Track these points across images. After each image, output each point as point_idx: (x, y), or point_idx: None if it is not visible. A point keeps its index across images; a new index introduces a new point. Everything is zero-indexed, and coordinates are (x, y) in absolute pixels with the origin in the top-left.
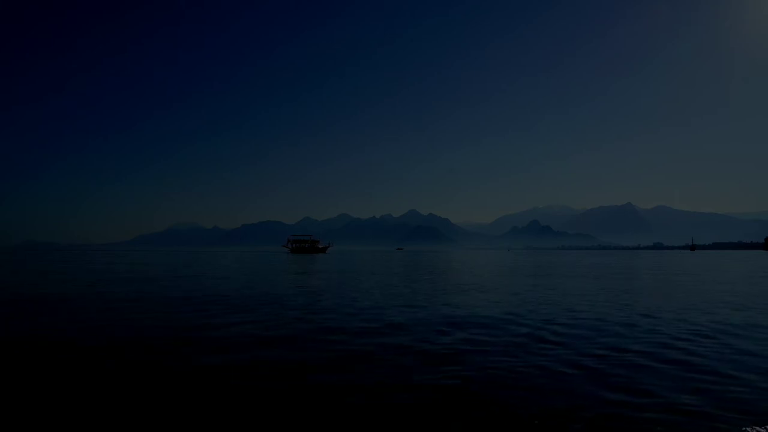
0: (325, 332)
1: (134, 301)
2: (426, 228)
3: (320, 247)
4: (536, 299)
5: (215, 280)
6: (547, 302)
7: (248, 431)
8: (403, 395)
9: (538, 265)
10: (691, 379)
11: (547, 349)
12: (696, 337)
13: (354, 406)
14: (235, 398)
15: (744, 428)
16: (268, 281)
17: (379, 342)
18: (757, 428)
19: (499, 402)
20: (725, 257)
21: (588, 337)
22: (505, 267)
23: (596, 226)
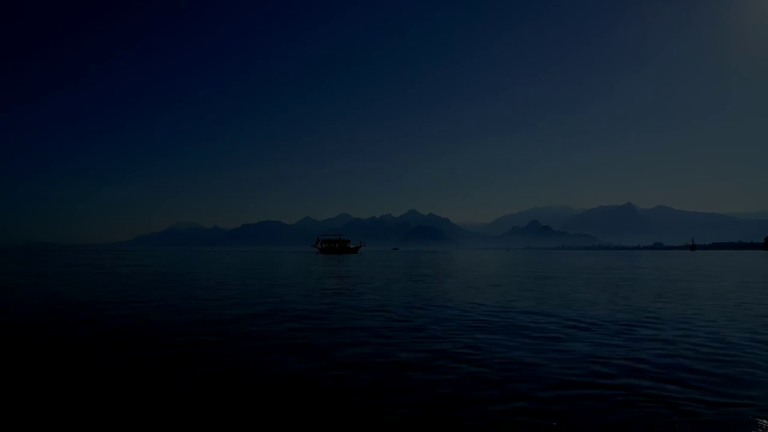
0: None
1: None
2: (426, 228)
3: (351, 247)
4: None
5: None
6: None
7: None
8: None
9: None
10: None
11: None
12: None
13: None
14: None
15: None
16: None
17: None
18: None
19: None
20: (728, 257)
21: None
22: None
23: (596, 226)
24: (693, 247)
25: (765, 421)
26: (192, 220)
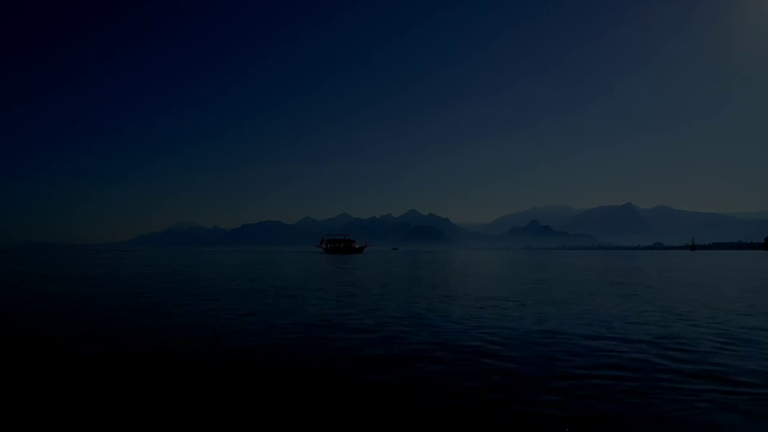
0: None
1: None
2: (426, 228)
3: (356, 247)
4: None
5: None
6: None
7: None
8: None
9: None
10: None
11: None
12: None
13: None
14: None
15: None
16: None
17: None
18: None
19: None
20: (728, 257)
21: None
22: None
23: (596, 226)
24: (693, 247)
25: None
26: (192, 220)
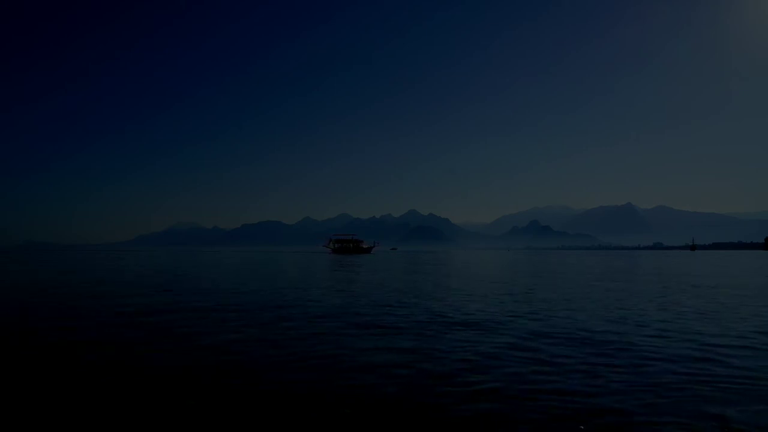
0: None
1: None
2: (426, 228)
3: (364, 247)
4: None
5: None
6: None
7: None
8: None
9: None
10: None
11: None
12: None
13: None
14: None
15: None
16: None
17: None
18: None
19: None
20: (728, 257)
21: None
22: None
23: (596, 226)
24: (693, 247)
25: None
26: (192, 220)
